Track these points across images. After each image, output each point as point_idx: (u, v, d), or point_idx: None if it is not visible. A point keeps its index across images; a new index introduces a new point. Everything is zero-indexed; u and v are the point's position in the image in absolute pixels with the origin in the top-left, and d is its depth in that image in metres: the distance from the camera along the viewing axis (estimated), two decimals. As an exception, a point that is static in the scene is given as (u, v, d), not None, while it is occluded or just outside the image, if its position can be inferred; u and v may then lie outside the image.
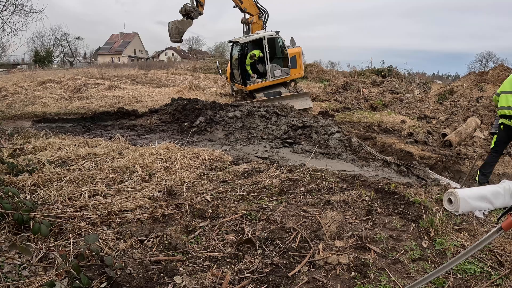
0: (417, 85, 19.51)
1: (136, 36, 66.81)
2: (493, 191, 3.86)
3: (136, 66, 33.53)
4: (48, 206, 3.35)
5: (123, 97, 15.45)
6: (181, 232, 3.07)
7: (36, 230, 2.57)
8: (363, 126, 11.81)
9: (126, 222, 3.18)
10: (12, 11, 9.54)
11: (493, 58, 51.88)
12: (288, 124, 8.90)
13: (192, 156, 5.37)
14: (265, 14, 14.36)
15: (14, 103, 13.65)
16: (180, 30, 12.92)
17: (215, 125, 9.17)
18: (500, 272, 2.75)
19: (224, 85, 19.58)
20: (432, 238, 3.20)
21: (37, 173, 4.02)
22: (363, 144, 8.38)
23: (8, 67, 29.44)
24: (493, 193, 3.84)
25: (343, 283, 2.51)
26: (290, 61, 13.71)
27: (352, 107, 15.79)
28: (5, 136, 5.97)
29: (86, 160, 4.87)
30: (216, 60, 24.72)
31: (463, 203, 3.66)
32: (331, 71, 28.74)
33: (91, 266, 2.41)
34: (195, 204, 3.58)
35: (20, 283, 2.18)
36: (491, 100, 12.06)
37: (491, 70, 16.30)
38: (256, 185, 4.21)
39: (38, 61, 37.45)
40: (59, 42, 48.20)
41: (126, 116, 11.13)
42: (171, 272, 2.49)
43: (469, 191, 3.85)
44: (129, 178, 4.38)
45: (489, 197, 3.82)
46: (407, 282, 2.53)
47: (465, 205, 3.69)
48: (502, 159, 9.32)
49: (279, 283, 2.46)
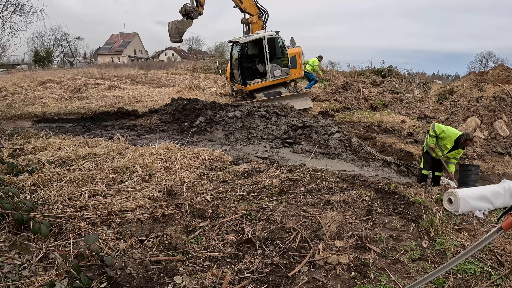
0: (417, 85, 19.50)
1: (136, 36, 66.81)
2: (493, 191, 3.87)
3: (136, 66, 33.51)
4: (48, 206, 3.35)
5: (123, 97, 15.44)
6: (181, 232, 3.07)
7: (36, 230, 2.57)
8: (363, 126, 11.81)
9: (126, 222, 3.18)
10: (12, 11, 9.52)
11: (493, 58, 51.84)
12: (288, 124, 8.90)
13: (192, 156, 5.37)
14: (265, 14, 14.35)
15: (14, 103, 13.65)
16: (180, 30, 12.91)
17: (215, 125, 9.17)
18: (500, 272, 2.75)
19: (224, 85, 19.57)
20: (432, 238, 3.20)
21: (37, 173, 4.02)
22: (363, 144, 8.38)
23: (8, 67, 29.42)
24: (493, 193, 3.84)
25: (343, 283, 2.51)
26: (290, 61, 13.70)
27: (352, 107, 15.78)
28: (5, 136, 5.97)
29: (86, 160, 4.87)
30: (216, 60, 24.70)
31: (463, 203, 3.66)
32: (331, 71, 28.71)
33: (91, 266, 2.41)
34: (195, 204, 3.58)
35: (20, 283, 2.18)
36: (491, 100, 12.07)
37: (491, 70, 16.29)
38: (256, 185, 4.21)
39: (38, 61, 37.41)
40: (59, 42, 48.18)
41: (126, 116, 11.13)
42: (171, 272, 2.49)
43: (469, 191, 3.86)
44: (129, 178, 4.37)
45: (489, 197, 3.82)
46: (407, 282, 2.53)
47: (465, 205, 3.69)
48: (502, 159, 9.32)
49: (279, 283, 2.46)
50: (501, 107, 11.80)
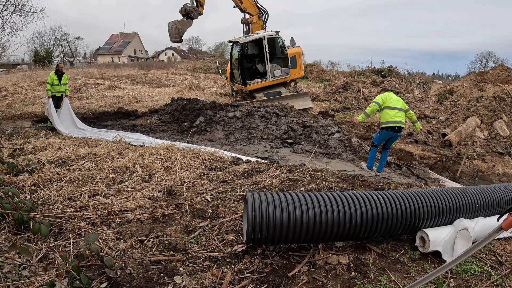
0: (417, 85, 19.51)
1: (136, 36, 66.79)
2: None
3: (136, 66, 33.50)
4: (48, 206, 3.35)
5: (123, 97, 15.45)
6: (181, 232, 3.07)
7: (36, 230, 2.57)
8: (363, 126, 11.80)
9: (126, 222, 3.18)
10: (12, 11, 9.54)
11: (493, 58, 51.83)
12: (288, 124, 8.90)
13: (192, 156, 5.37)
14: (265, 14, 14.36)
15: (14, 103, 13.65)
16: (180, 30, 12.92)
17: (215, 125, 9.17)
18: (500, 272, 2.75)
19: (224, 85, 19.57)
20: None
21: (37, 173, 4.02)
22: (363, 144, 8.39)
23: (8, 67, 29.42)
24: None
25: (343, 283, 2.51)
26: (290, 61, 13.71)
27: (352, 107, 15.79)
28: (5, 136, 5.97)
29: (86, 160, 4.87)
30: (216, 60, 24.71)
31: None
32: (331, 71, 28.73)
33: (91, 266, 2.41)
34: (195, 204, 3.58)
35: (20, 283, 2.18)
36: (491, 100, 12.07)
37: (491, 70, 16.31)
38: (256, 185, 4.21)
39: (38, 61, 37.40)
40: (59, 42, 48.13)
41: (126, 116, 11.13)
42: (171, 272, 2.49)
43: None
44: (129, 178, 4.37)
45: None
46: (407, 282, 2.53)
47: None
48: (502, 159, 9.33)
49: (279, 283, 2.46)
50: (501, 107, 11.80)
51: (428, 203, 2.96)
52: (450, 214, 3.06)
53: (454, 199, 3.10)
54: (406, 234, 3.10)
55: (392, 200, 2.87)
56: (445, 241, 2.90)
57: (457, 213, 3.10)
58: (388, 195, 2.91)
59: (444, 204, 3.02)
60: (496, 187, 3.67)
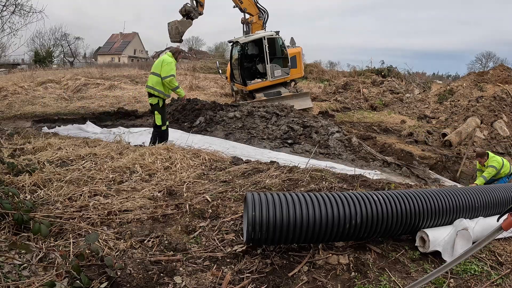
0: (417, 85, 19.52)
1: (136, 36, 66.81)
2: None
3: (136, 66, 33.54)
4: (48, 206, 3.34)
5: (123, 97, 15.45)
6: (181, 232, 3.07)
7: (36, 230, 2.57)
8: (363, 126, 11.81)
9: (126, 222, 3.18)
10: (12, 11, 9.54)
11: (493, 58, 51.94)
12: (288, 124, 8.90)
13: (192, 156, 5.37)
14: (265, 14, 14.36)
15: (14, 103, 13.65)
16: (180, 30, 12.92)
17: (215, 125, 9.17)
18: (500, 272, 2.75)
19: (224, 85, 19.58)
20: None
21: (37, 173, 4.01)
22: (363, 144, 8.39)
23: (8, 67, 29.42)
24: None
25: (343, 283, 2.51)
26: (290, 61, 13.71)
27: (352, 107, 15.80)
28: (5, 136, 5.97)
29: (86, 160, 4.86)
30: (216, 60, 24.72)
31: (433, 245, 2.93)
32: (331, 71, 28.75)
33: (91, 266, 2.41)
34: (195, 204, 3.58)
35: (20, 283, 2.18)
36: (491, 100, 12.07)
37: (491, 70, 16.33)
38: (256, 185, 4.21)
39: (38, 61, 37.42)
40: (59, 42, 48.13)
41: (126, 116, 11.14)
42: (171, 272, 2.49)
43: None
44: (129, 178, 4.37)
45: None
46: (407, 282, 2.53)
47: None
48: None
49: (279, 283, 2.46)
50: (501, 107, 11.81)
51: (428, 203, 2.96)
52: (450, 214, 3.06)
53: (454, 199, 3.10)
54: (406, 234, 3.10)
55: (392, 200, 2.87)
56: (445, 241, 2.91)
57: (457, 213, 3.10)
58: (388, 195, 2.91)
59: (444, 204, 3.02)
60: (496, 187, 3.67)
